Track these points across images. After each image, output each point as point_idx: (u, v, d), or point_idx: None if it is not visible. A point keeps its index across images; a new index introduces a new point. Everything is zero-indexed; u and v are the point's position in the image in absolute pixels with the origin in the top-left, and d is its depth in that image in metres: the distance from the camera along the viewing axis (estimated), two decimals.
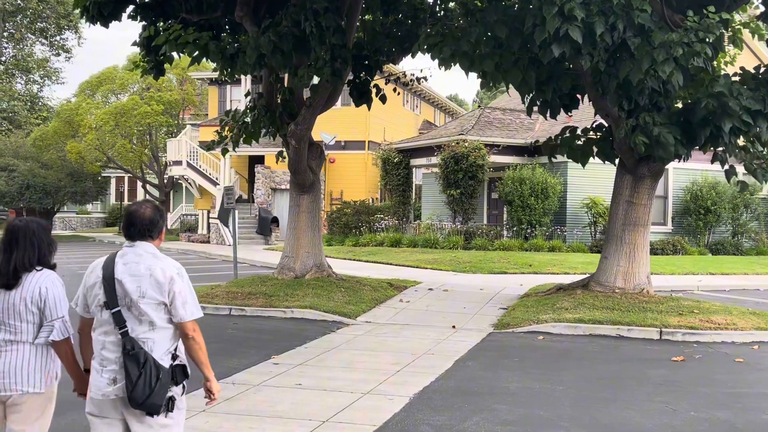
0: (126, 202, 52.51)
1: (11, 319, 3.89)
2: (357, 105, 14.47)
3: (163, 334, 3.78)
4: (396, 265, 21.04)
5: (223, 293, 13.47)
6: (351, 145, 33.58)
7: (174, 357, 3.81)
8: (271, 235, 31.90)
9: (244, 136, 14.26)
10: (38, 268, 3.97)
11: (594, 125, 13.15)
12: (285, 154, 14.74)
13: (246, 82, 34.50)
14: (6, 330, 3.91)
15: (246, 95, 15.76)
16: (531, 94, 11.81)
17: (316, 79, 13.57)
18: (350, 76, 14.33)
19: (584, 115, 22.45)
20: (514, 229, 24.88)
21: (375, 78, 15.07)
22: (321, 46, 12.10)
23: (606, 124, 12.96)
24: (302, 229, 14.73)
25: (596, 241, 24.57)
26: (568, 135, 13.05)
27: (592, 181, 24.89)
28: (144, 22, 15.05)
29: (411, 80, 16.11)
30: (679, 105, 12.17)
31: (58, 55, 47.64)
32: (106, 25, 14.87)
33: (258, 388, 7.60)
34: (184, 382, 3.87)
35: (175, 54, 13.98)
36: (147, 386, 3.61)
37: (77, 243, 37.04)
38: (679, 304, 12.00)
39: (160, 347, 3.75)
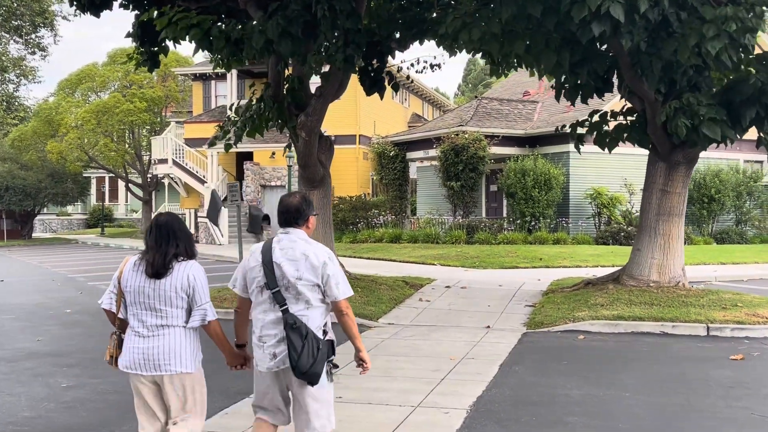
0: (107, 202, 51.27)
1: (162, 304, 4.14)
2: (368, 94, 13.68)
3: (317, 311, 4.14)
4: (400, 261, 20.33)
5: (234, 296, 12.65)
6: (341, 139, 32.58)
7: (324, 333, 4.15)
8: (262, 233, 30.92)
9: (248, 129, 13.42)
10: (182, 258, 4.21)
11: (624, 109, 12.45)
12: (293, 148, 13.92)
13: (232, 77, 33.55)
14: (157, 315, 4.15)
15: (250, 86, 14.97)
16: (563, 78, 11.09)
17: (325, 67, 12.79)
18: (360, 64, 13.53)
19: (592, 103, 21.84)
20: (517, 222, 24.21)
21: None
22: (333, 30, 11.32)
23: (636, 109, 12.26)
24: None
25: (601, 232, 24.00)
26: (597, 119, 12.34)
27: (595, 171, 24.33)
28: (136, 12, 14.24)
29: (424, 69, 15.36)
30: (714, 89, 11.53)
31: (34, 53, 46.25)
32: (97, 14, 14.05)
33: None
34: (333, 359, 4.19)
35: (171, 44, 13.20)
36: (310, 356, 3.97)
37: (60, 246, 35.87)
38: (720, 298, 11.38)
39: (314, 323, 4.11)
